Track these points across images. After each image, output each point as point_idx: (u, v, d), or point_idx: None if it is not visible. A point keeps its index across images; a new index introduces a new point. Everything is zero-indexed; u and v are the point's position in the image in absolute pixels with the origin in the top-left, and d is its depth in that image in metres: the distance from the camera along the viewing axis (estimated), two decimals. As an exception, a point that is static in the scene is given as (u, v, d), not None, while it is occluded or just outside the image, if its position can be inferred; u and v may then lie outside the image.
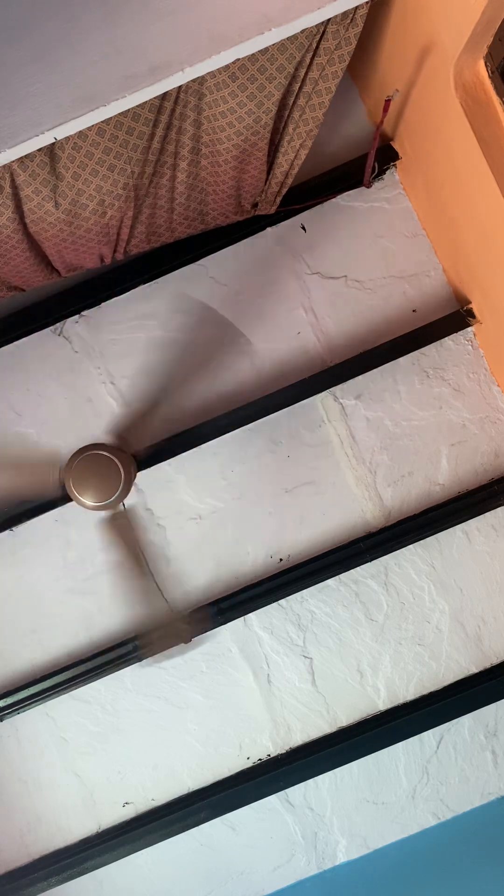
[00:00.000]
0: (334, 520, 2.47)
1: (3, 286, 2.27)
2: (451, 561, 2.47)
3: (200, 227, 2.35)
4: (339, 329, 2.48)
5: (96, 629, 2.48)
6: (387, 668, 2.47)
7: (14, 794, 2.50)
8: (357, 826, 2.50)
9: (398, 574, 2.47)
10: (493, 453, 2.46)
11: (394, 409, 2.47)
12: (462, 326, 2.40)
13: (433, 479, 2.47)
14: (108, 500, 2.17)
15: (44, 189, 1.89)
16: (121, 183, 1.97)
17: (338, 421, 2.48)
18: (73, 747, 2.50)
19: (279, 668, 2.48)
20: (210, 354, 2.49)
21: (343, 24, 1.80)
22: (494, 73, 1.74)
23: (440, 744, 2.47)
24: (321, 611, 2.47)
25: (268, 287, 2.49)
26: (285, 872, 2.51)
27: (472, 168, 1.91)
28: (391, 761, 2.48)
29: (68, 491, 2.17)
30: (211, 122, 1.94)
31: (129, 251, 2.29)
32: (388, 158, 2.43)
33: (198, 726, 2.49)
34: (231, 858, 2.50)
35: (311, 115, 2.00)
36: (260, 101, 1.90)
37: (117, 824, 2.48)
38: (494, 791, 2.49)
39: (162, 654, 2.41)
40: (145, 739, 2.49)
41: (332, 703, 2.47)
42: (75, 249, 2.16)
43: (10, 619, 2.50)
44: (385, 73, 2.20)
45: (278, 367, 2.48)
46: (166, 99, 1.84)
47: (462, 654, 2.46)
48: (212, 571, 2.47)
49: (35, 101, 1.68)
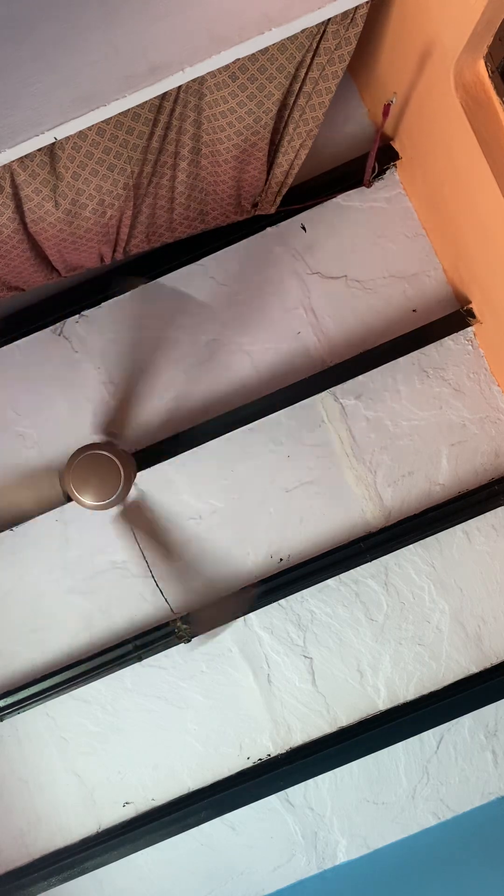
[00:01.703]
0: (334, 520, 2.47)
1: (3, 286, 2.27)
2: (451, 561, 2.47)
3: (200, 227, 2.35)
4: (339, 329, 2.48)
5: (96, 629, 2.48)
6: (387, 668, 2.47)
7: (14, 794, 2.50)
8: (357, 826, 2.50)
9: (398, 574, 2.47)
10: (494, 453, 2.46)
11: (394, 409, 2.47)
12: (462, 326, 2.40)
13: (433, 478, 2.47)
14: (108, 500, 2.17)
15: (44, 189, 1.89)
16: (121, 183, 1.97)
17: (338, 421, 2.48)
18: (73, 747, 2.50)
19: (279, 668, 2.48)
20: (210, 354, 2.49)
21: (343, 24, 1.80)
22: (494, 73, 1.74)
23: (440, 744, 2.47)
24: (321, 611, 2.47)
25: (268, 287, 2.49)
26: (285, 872, 2.51)
27: (472, 168, 1.91)
28: (391, 761, 2.48)
29: (68, 491, 2.17)
30: (211, 121, 1.94)
31: (129, 251, 2.29)
32: (388, 158, 2.43)
33: (198, 726, 2.49)
34: (231, 858, 2.50)
35: (312, 114, 2.00)
36: (260, 101, 1.90)
37: (117, 824, 2.48)
38: (494, 791, 2.49)
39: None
40: (145, 739, 2.49)
41: (332, 703, 2.47)
42: (75, 249, 2.16)
43: (10, 619, 2.50)
44: (385, 73, 2.20)
45: (278, 367, 2.48)
46: (166, 99, 1.84)
47: (462, 654, 2.46)
48: (212, 571, 2.47)
49: (35, 101, 1.68)
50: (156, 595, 2.46)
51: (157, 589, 2.45)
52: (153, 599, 2.46)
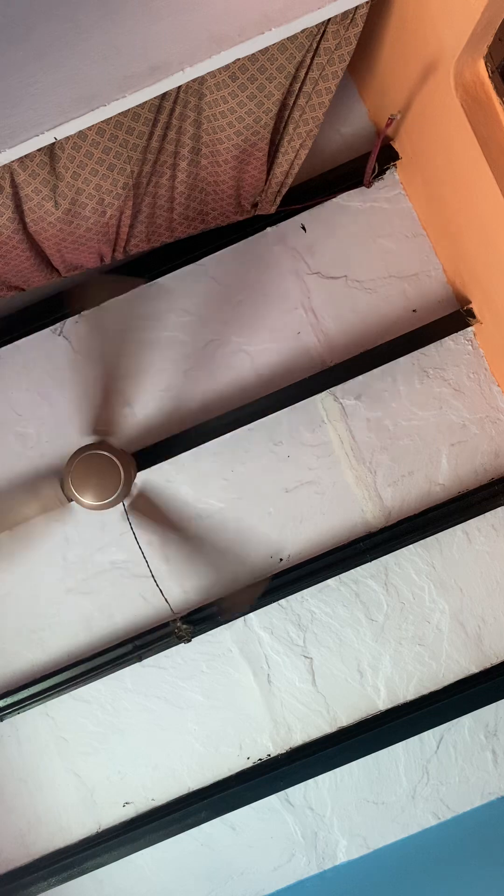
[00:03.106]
0: (334, 520, 2.47)
1: (3, 286, 2.27)
2: (451, 561, 2.47)
3: (200, 227, 2.35)
4: (339, 329, 2.48)
5: (96, 629, 2.48)
6: (387, 667, 2.47)
7: (14, 794, 2.50)
8: (357, 826, 2.50)
9: (398, 574, 2.47)
10: (494, 453, 2.46)
11: (394, 409, 2.47)
12: (462, 326, 2.40)
13: (433, 479, 2.47)
14: (108, 500, 2.17)
15: (43, 189, 1.89)
16: (120, 182, 1.97)
17: (338, 421, 2.48)
18: (73, 747, 2.49)
19: (279, 667, 2.48)
20: (210, 354, 2.49)
21: (343, 24, 1.80)
22: (494, 73, 1.74)
23: (440, 744, 2.47)
24: (321, 611, 2.47)
25: (268, 287, 2.49)
26: (285, 872, 2.51)
27: (472, 168, 1.91)
28: (391, 761, 2.48)
29: (68, 491, 2.17)
30: (211, 121, 1.94)
31: (129, 251, 2.29)
32: (388, 158, 2.43)
33: (198, 726, 2.49)
34: (231, 858, 2.50)
35: (312, 115, 2.00)
36: (260, 101, 1.90)
37: (117, 824, 2.48)
38: (494, 791, 2.49)
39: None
40: (145, 739, 2.49)
41: (332, 703, 2.47)
42: (75, 249, 2.16)
43: (10, 619, 2.50)
44: (385, 72, 2.20)
45: (278, 367, 2.48)
46: (166, 99, 1.84)
47: (462, 654, 2.46)
48: (212, 571, 2.47)
49: (35, 101, 1.68)
50: (156, 595, 2.46)
51: (158, 589, 2.45)
52: (153, 599, 2.46)
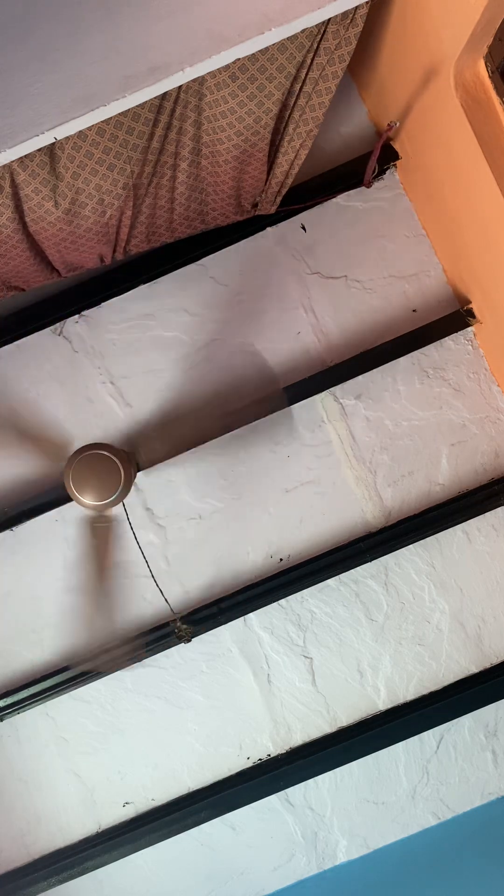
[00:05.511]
0: (334, 520, 2.47)
1: (3, 286, 2.27)
2: (451, 561, 2.47)
3: (200, 227, 2.35)
4: (339, 329, 2.48)
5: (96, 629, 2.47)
6: (387, 668, 2.47)
7: (14, 794, 2.50)
8: (357, 826, 2.50)
9: (398, 574, 2.47)
10: (493, 453, 2.46)
11: (394, 409, 2.47)
12: (462, 326, 2.40)
13: (433, 479, 2.47)
14: (108, 500, 2.16)
15: (43, 189, 1.89)
16: (120, 182, 1.97)
17: (338, 421, 2.48)
18: (73, 747, 2.49)
19: (279, 667, 2.48)
20: (210, 354, 2.49)
21: (343, 24, 1.80)
22: (494, 73, 1.74)
23: (440, 744, 2.47)
24: (321, 611, 2.47)
25: (268, 287, 2.49)
26: (285, 872, 2.51)
27: (472, 168, 1.91)
28: (391, 761, 2.48)
29: (68, 490, 2.17)
30: (211, 122, 1.94)
31: (129, 251, 2.29)
32: (388, 158, 2.43)
33: (198, 726, 2.49)
34: (231, 858, 2.50)
35: (312, 115, 2.00)
36: (260, 101, 1.90)
37: (117, 824, 2.48)
38: (494, 791, 2.49)
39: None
40: (145, 739, 2.49)
41: (332, 703, 2.47)
42: (75, 249, 2.16)
43: (10, 619, 2.50)
44: (385, 72, 2.20)
45: (278, 367, 2.48)
46: (166, 99, 1.84)
47: (462, 654, 2.46)
48: (212, 571, 2.47)
49: (35, 101, 1.68)
50: (156, 595, 2.46)
51: (158, 589, 2.45)
52: (153, 599, 2.46)
